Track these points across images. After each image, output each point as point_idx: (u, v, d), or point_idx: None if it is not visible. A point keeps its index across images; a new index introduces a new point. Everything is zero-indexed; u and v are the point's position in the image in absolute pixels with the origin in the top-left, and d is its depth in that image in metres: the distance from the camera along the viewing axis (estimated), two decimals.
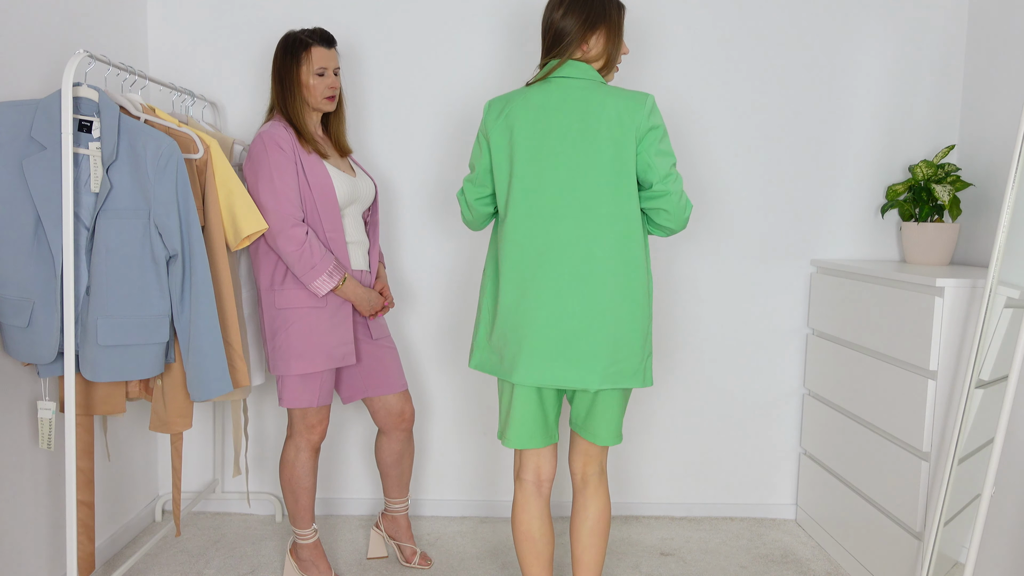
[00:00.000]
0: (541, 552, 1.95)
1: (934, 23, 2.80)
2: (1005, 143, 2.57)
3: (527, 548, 1.95)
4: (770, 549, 2.71)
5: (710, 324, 2.90)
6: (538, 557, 1.95)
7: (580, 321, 1.78)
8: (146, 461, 2.82)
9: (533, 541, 1.94)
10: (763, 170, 2.85)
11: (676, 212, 1.84)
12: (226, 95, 2.81)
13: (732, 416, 2.95)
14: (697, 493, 2.98)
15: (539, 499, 1.96)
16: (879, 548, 2.35)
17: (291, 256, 2.13)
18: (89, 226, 1.93)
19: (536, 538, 1.94)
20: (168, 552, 2.60)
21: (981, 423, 2.07)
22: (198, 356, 2.03)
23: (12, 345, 1.97)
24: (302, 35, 2.22)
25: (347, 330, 2.25)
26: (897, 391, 2.27)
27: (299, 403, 2.22)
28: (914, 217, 2.69)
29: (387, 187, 2.84)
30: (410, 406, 2.43)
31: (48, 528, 2.21)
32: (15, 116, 1.91)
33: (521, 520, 1.95)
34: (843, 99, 2.83)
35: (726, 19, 2.80)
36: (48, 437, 2.02)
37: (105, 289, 1.92)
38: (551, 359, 1.79)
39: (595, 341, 1.78)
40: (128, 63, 2.60)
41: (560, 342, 1.78)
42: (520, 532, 1.95)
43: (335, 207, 2.21)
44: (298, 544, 2.35)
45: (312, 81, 2.22)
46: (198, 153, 2.12)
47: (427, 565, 2.52)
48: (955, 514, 2.12)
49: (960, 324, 2.10)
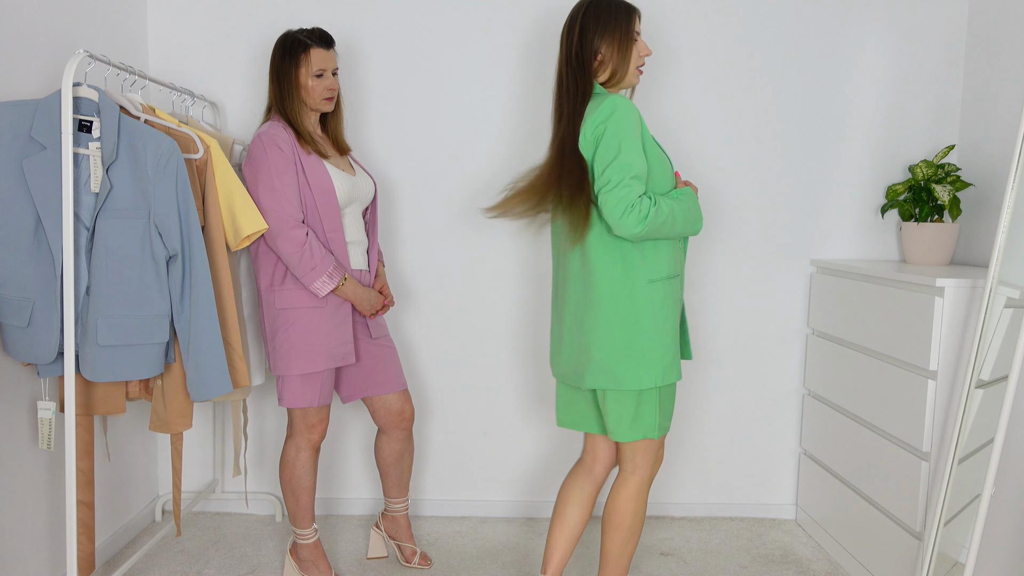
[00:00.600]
0: (565, 519, 2.05)
1: (934, 23, 2.81)
2: (1005, 143, 2.57)
3: (556, 509, 2.08)
4: (770, 549, 2.71)
5: (710, 324, 2.90)
6: (560, 522, 2.06)
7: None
8: (146, 461, 2.82)
9: (562, 503, 2.07)
10: (763, 170, 2.85)
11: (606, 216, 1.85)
12: (226, 95, 2.81)
13: (732, 416, 2.95)
14: (697, 493, 2.98)
15: (585, 474, 2.09)
16: (879, 548, 2.35)
17: (291, 257, 2.13)
18: (89, 226, 1.93)
19: (564, 501, 2.07)
20: (168, 552, 2.60)
21: (981, 423, 2.07)
22: (198, 356, 2.03)
23: (12, 345, 1.97)
24: (300, 36, 2.21)
25: (347, 330, 2.25)
26: (897, 391, 2.27)
27: (299, 403, 2.22)
28: (914, 217, 2.69)
29: (386, 185, 2.84)
30: (410, 405, 2.43)
31: (48, 528, 2.21)
32: (15, 116, 1.91)
33: (563, 484, 2.11)
34: (843, 99, 2.83)
35: (725, 19, 2.80)
36: (48, 437, 2.02)
37: (105, 289, 1.92)
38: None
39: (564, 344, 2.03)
40: (128, 63, 2.60)
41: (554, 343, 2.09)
42: (559, 494, 2.10)
43: (335, 207, 2.21)
44: (298, 544, 2.35)
45: (311, 83, 2.21)
46: (198, 153, 2.12)
47: (427, 565, 2.52)
48: (955, 514, 2.12)
49: (960, 324, 2.10)
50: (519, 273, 2.87)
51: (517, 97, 2.82)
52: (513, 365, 2.91)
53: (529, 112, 2.82)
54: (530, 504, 2.96)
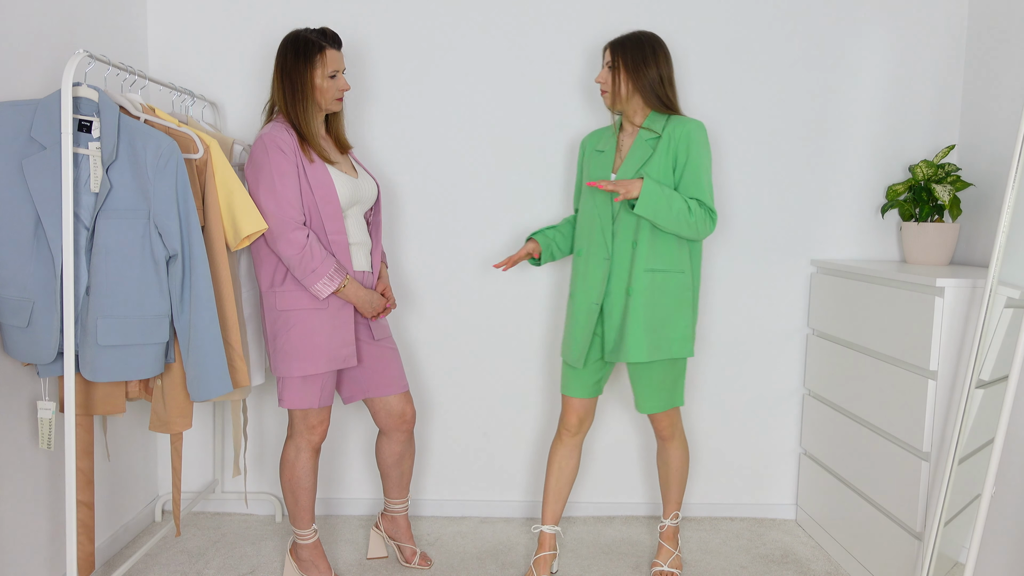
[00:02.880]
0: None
1: (934, 23, 2.80)
2: (1005, 143, 2.57)
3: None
4: (770, 549, 2.71)
5: (710, 324, 2.90)
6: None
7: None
8: (146, 461, 2.82)
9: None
10: (763, 170, 2.85)
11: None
12: (226, 95, 2.81)
13: (732, 416, 2.95)
14: (697, 493, 2.98)
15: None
16: (879, 548, 2.35)
17: (291, 260, 2.13)
18: (89, 226, 1.93)
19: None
20: (168, 552, 2.60)
21: (981, 423, 2.07)
22: (198, 356, 2.03)
23: (12, 345, 1.97)
24: (313, 36, 2.19)
25: (348, 332, 2.25)
26: (897, 391, 2.27)
27: (300, 404, 2.21)
28: (914, 217, 2.69)
29: (389, 187, 2.84)
30: (411, 407, 2.43)
31: (48, 528, 2.21)
32: (15, 116, 1.91)
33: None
34: (843, 99, 2.83)
35: (726, 20, 2.80)
36: (48, 437, 2.02)
37: (105, 289, 1.92)
38: None
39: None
40: (128, 63, 2.60)
41: None
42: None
43: (337, 209, 2.20)
44: (298, 544, 2.35)
45: (325, 84, 2.20)
46: (198, 153, 2.12)
47: (427, 565, 2.52)
48: (955, 514, 2.12)
49: (960, 324, 2.10)
50: (520, 274, 2.87)
51: (521, 97, 2.82)
52: (514, 366, 2.91)
53: (532, 112, 2.82)
54: (530, 504, 2.96)
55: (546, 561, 2.41)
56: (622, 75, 2.24)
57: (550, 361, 2.91)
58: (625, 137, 2.33)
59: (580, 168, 2.48)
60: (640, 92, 2.25)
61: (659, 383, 2.29)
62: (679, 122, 2.24)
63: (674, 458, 2.44)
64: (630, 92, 2.25)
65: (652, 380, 2.28)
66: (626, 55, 2.24)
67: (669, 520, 2.49)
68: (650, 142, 2.24)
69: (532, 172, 2.84)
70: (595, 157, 2.38)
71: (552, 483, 2.42)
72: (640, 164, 2.22)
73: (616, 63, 2.25)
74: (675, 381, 2.32)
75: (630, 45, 2.25)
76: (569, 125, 2.83)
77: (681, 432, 2.43)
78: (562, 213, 2.86)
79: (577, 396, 2.36)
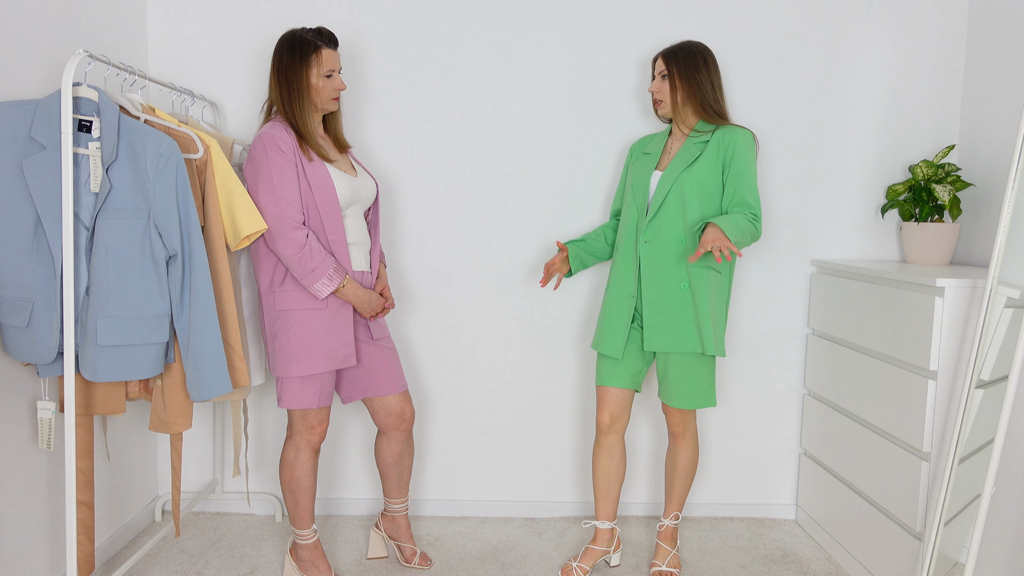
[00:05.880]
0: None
1: (934, 23, 2.80)
2: (1005, 143, 2.57)
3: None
4: (770, 549, 2.71)
5: None
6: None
7: None
8: (146, 461, 2.82)
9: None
10: (763, 170, 2.85)
11: None
12: (226, 95, 2.81)
13: (732, 416, 2.95)
14: (697, 493, 2.98)
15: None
16: (879, 548, 2.35)
17: (290, 260, 2.13)
18: (89, 226, 1.93)
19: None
20: (168, 552, 2.60)
21: (981, 423, 2.07)
22: (198, 356, 2.03)
23: (12, 345, 1.97)
24: (308, 35, 2.19)
25: (348, 332, 2.25)
26: (897, 391, 2.27)
27: (299, 404, 2.21)
28: (914, 217, 2.69)
29: (388, 186, 2.84)
30: (410, 407, 2.43)
31: (48, 528, 2.21)
32: (15, 116, 1.91)
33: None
34: (843, 99, 2.83)
35: (726, 20, 2.80)
36: (48, 437, 2.02)
37: (105, 289, 1.92)
38: None
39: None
40: (128, 63, 2.60)
41: None
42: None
43: (336, 209, 2.20)
44: (298, 544, 2.35)
45: (321, 83, 2.20)
46: (198, 153, 2.12)
47: (427, 565, 2.52)
48: (955, 514, 2.12)
49: (960, 324, 2.10)
50: (520, 275, 2.87)
51: (520, 97, 2.82)
52: (514, 366, 2.91)
53: (532, 112, 2.82)
54: (530, 504, 2.96)
55: (593, 553, 2.47)
56: (677, 84, 2.32)
57: (550, 361, 2.91)
58: (674, 142, 2.42)
59: (625, 170, 2.55)
60: (692, 100, 2.32)
61: (693, 378, 2.33)
62: (728, 129, 2.31)
63: (683, 457, 2.45)
64: (684, 100, 2.33)
65: (686, 374, 2.32)
66: (679, 65, 2.32)
67: (669, 520, 2.49)
68: (699, 145, 2.31)
69: (532, 172, 2.84)
70: (641, 159, 2.45)
71: (597, 483, 2.48)
72: (687, 163, 2.29)
73: (671, 72, 2.32)
74: (709, 379, 2.36)
75: (683, 55, 2.32)
76: (565, 125, 2.83)
77: (694, 432, 2.45)
78: (562, 212, 2.86)
79: (613, 385, 2.38)
